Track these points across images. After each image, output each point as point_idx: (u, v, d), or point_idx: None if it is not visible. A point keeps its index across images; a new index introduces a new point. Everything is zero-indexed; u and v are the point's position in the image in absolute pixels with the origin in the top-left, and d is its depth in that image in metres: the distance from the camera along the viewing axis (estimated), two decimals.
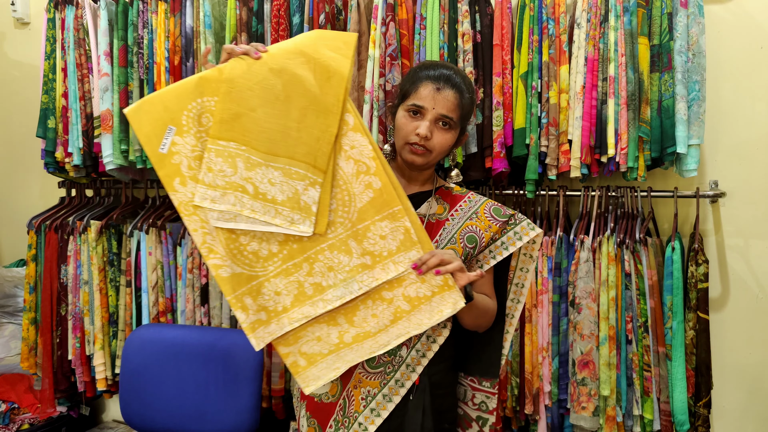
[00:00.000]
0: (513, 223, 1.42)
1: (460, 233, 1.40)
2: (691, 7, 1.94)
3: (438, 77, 1.36)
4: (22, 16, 2.92)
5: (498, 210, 1.44)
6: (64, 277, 2.53)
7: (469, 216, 1.43)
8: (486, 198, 1.48)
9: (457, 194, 1.48)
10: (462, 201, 1.46)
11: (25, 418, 2.59)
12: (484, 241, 1.41)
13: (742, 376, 2.22)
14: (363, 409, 1.36)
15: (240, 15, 2.24)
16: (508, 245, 1.41)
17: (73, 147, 2.47)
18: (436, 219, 1.43)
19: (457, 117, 1.36)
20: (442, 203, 1.46)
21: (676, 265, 1.97)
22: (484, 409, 1.47)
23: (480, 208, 1.44)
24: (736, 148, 2.16)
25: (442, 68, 1.39)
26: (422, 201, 1.44)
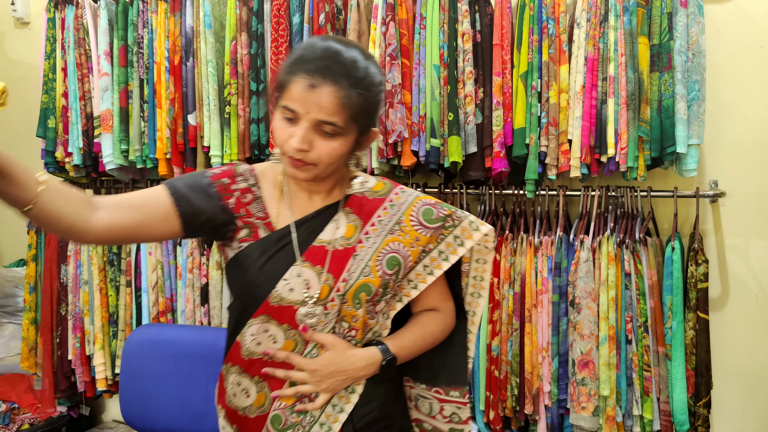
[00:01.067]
0: (451, 226, 1.19)
1: (377, 258, 1.14)
2: (691, 7, 1.94)
3: (314, 69, 1.01)
4: (22, 16, 2.92)
5: (429, 212, 1.18)
6: (64, 277, 2.53)
7: (390, 228, 1.16)
8: (415, 195, 1.20)
9: (375, 198, 1.18)
10: (381, 208, 1.17)
11: (25, 418, 2.59)
12: (410, 259, 1.17)
13: (742, 376, 2.22)
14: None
15: (240, 15, 2.24)
16: (447, 254, 1.19)
17: (73, 147, 2.47)
18: (343, 246, 1.14)
19: (344, 120, 1.03)
20: (354, 219, 1.17)
21: (676, 265, 1.97)
22: (456, 421, 1.28)
23: (405, 214, 1.17)
24: (736, 148, 2.16)
25: (322, 53, 1.03)
26: (328, 219, 1.16)
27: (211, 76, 2.25)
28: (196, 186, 1.12)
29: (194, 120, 2.30)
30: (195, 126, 2.30)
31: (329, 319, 1.13)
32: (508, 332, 2.09)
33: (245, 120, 2.25)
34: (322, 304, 1.12)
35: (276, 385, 1.15)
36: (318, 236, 1.14)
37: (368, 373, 1.15)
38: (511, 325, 2.08)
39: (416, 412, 1.31)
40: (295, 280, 1.11)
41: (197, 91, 2.30)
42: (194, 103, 2.30)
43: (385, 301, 1.17)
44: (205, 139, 2.27)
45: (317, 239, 1.14)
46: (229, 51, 2.26)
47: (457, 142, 2.07)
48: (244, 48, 2.25)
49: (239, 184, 1.16)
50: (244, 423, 1.18)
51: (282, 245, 1.13)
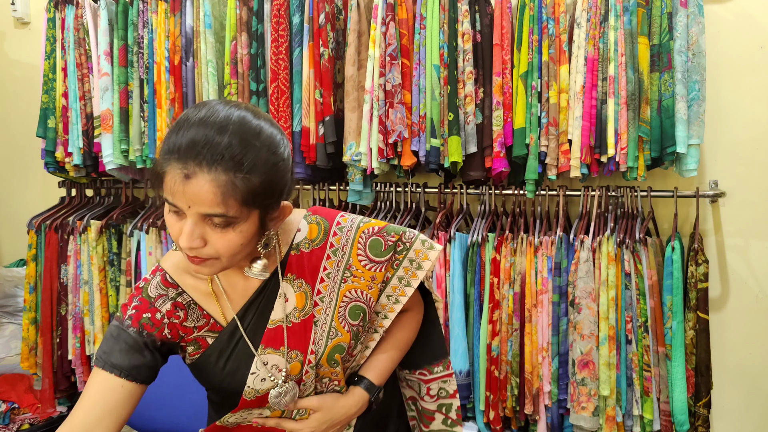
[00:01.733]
0: (403, 249, 1.10)
1: (339, 314, 1.07)
2: (691, 7, 1.94)
3: (186, 156, 0.85)
4: (22, 16, 2.92)
5: (377, 243, 1.08)
6: (64, 277, 2.53)
7: (341, 278, 1.06)
8: (356, 228, 1.09)
9: (314, 249, 1.06)
10: (324, 259, 1.06)
11: (25, 418, 2.59)
12: (372, 300, 1.10)
13: (742, 376, 2.22)
14: None
15: (240, 15, 2.24)
16: (408, 279, 1.12)
17: (73, 147, 2.47)
18: (300, 318, 1.05)
19: (233, 208, 0.87)
20: (300, 284, 1.05)
21: (676, 265, 1.97)
22: (444, 395, 1.29)
23: (352, 256, 1.07)
24: (736, 148, 2.16)
25: (194, 133, 0.86)
26: (274, 294, 1.05)
27: (211, 76, 2.25)
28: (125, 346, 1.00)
29: None
30: None
31: (308, 385, 1.09)
32: (508, 332, 2.09)
33: None
34: (296, 379, 1.06)
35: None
36: (270, 317, 1.04)
37: (360, 411, 1.14)
38: (511, 325, 2.08)
39: (410, 390, 1.32)
40: (263, 369, 1.04)
41: (197, 91, 2.30)
42: (194, 103, 2.30)
43: (360, 343, 1.13)
44: None
45: (270, 321, 1.04)
46: (229, 51, 2.26)
47: (457, 142, 2.07)
48: (244, 48, 2.25)
49: (162, 307, 1.03)
50: None
51: (237, 340, 1.05)
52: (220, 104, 0.90)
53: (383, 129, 2.10)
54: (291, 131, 2.21)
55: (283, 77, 2.20)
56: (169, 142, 0.87)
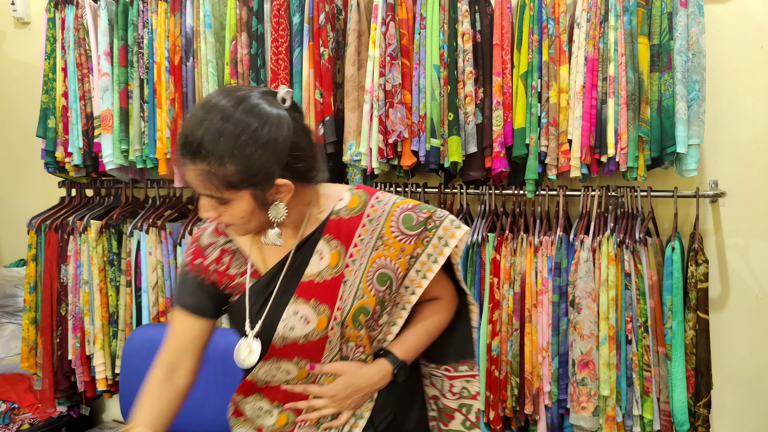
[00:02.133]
0: (433, 227, 1.19)
1: (367, 278, 1.16)
2: (691, 7, 1.94)
3: (179, 148, 1.02)
4: (22, 16, 2.92)
5: (409, 218, 1.17)
6: (64, 277, 2.53)
7: (373, 245, 1.16)
8: (391, 203, 1.19)
9: (352, 217, 1.16)
10: (360, 227, 1.16)
11: (25, 418, 2.59)
12: (400, 271, 1.18)
13: (742, 376, 2.22)
14: None
15: (240, 15, 2.24)
16: (436, 256, 1.19)
17: (73, 147, 2.47)
18: (331, 275, 1.15)
19: (219, 190, 1.01)
20: (336, 245, 1.16)
21: (676, 265, 1.97)
22: (466, 395, 1.33)
23: (385, 227, 1.16)
24: (736, 148, 2.16)
25: (183, 129, 1.02)
26: (311, 251, 1.16)
27: (211, 76, 2.25)
28: (189, 288, 1.20)
29: None
30: None
31: (333, 345, 1.17)
32: (508, 332, 2.09)
33: None
34: (322, 335, 1.15)
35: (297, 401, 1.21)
36: (305, 271, 1.15)
37: (383, 383, 1.21)
38: (511, 325, 2.08)
39: (432, 388, 1.36)
40: (293, 318, 1.14)
41: (197, 91, 2.30)
42: (194, 103, 2.30)
43: (387, 314, 1.20)
44: None
45: (305, 274, 1.15)
46: (229, 51, 2.26)
47: (457, 142, 2.07)
48: (244, 48, 2.25)
49: (210, 255, 1.20)
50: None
51: (272, 288, 1.16)
52: (209, 99, 1.04)
53: (383, 129, 2.10)
54: None
55: (283, 77, 2.20)
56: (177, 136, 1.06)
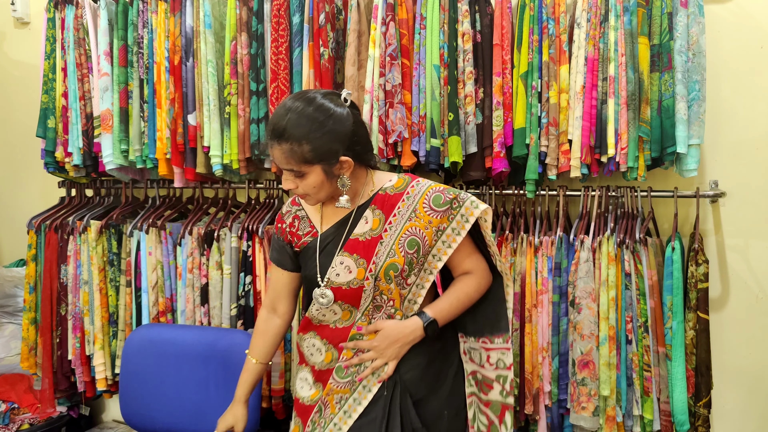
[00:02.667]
0: (457, 206, 1.46)
1: (399, 242, 1.45)
2: (691, 7, 1.94)
3: (269, 133, 1.38)
4: (22, 16, 2.92)
5: (438, 198, 1.46)
6: (64, 277, 2.53)
7: (408, 217, 1.46)
8: (427, 185, 1.48)
9: (395, 194, 1.48)
10: (400, 201, 1.47)
11: (25, 418, 2.59)
12: (427, 240, 1.46)
13: (742, 376, 2.22)
14: (338, 411, 1.52)
15: (240, 15, 2.24)
16: (459, 230, 1.47)
17: (73, 147, 2.47)
18: (371, 236, 1.47)
19: (297, 165, 1.37)
20: (379, 214, 1.48)
21: (676, 265, 1.97)
22: (501, 366, 1.54)
23: (419, 203, 1.46)
24: (736, 148, 2.16)
25: (271, 121, 1.39)
26: (359, 217, 1.49)
27: (211, 76, 2.25)
28: (276, 247, 1.62)
29: (194, 120, 2.30)
30: (195, 126, 2.30)
31: (368, 294, 1.47)
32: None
33: (245, 120, 2.25)
34: (359, 285, 1.46)
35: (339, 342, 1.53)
36: (353, 231, 1.48)
37: (417, 336, 1.48)
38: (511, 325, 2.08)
39: (471, 364, 1.58)
40: (339, 267, 1.48)
41: (197, 91, 2.30)
42: (194, 103, 2.30)
43: (414, 275, 1.48)
44: (205, 139, 2.27)
45: (353, 233, 1.48)
46: (229, 51, 2.26)
47: (457, 142, 2.07)
48: (244, 48, 2.25)
49: (287, 220, 1.58)
50: (318, 374, 1.57)
51: (327, 243, 1.51)
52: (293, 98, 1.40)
53: (383, 129, 2.10)
54: None
55: (283, 77, 2.20)
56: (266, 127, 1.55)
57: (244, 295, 2.27)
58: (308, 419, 1.57)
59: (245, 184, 2.44)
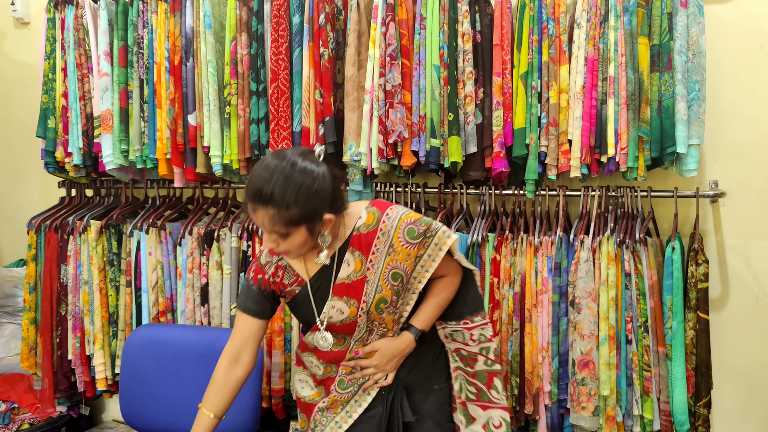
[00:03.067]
0: (431, 236, 1.55)
1: (384, 277, 1.54)
2: (691, 7, 1.94)
3: (252, 197, 1.39)
4: (22, 16, 2.92)
5: (412, 230, 1.53)
6: (64, 277, 2.53)
7: (386, 252, 1.53)
8: (398, 218, 1.54)
9: (369, 232, 1.54)
10: (375, 239, 1.53)
11: (25, 417, 2.59)
12: (409, 269, 1.56)
13: (742, 376, 2.22)
14: (340, 411, 1.65)
15: (240, 15, 2.24)
16: (434, 257, 1.57)
17: (73, 147, 2.47)
18: (357, 278, 1.54)
19: (284, 227, 1.39)
20: (358, 255, 1.54)
21: (676, 265, 1.97)
22: (483, 340, 1.67)
23: (394, 238, 1.53)
24: (736, 148, 2.16)
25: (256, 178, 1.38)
26: (341, 261, 1.55)
27: (211, 77, 2.25)
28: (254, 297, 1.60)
29: (194, 120, 2.30)
30: (195, 126, 2.30)
31: (362, 326, 1.58)
32: (508, 332, 2.09)
33: (245, 120, 2.25)
34: (352, 320, 1.57)
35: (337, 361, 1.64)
36: (338, 276, 1.55)
37: (410, 348, 1.62)
38: (511, 325, 2.08)
39: (455, 343, 1.69)
40: (331, 310, 1.57)
41: (197, 92, 2.30)
42: (194, 103, 2.30)
43: (401, 299, 1.59)
44: (205, 140, 2.27)
45: (337, 278, 1.55)
46: (229, 51, 2.26)
47: (457, 142, 2.07)
48: (244, 48, 2.25)
49: (268, 270, 1.60)
50: (320, 381, 1.70)
51: (315, 290, 1.58)
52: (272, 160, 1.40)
53: (383, 129, 2.09)
54: (291, 131, 2.21)
55: (283, 77, 2.20)
56: (246, 190, 1.41)
57: None
58: (311, 415, 1.68)
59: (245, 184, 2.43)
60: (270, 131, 2.23)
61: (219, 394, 1.58)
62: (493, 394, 1.67)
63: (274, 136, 2.21)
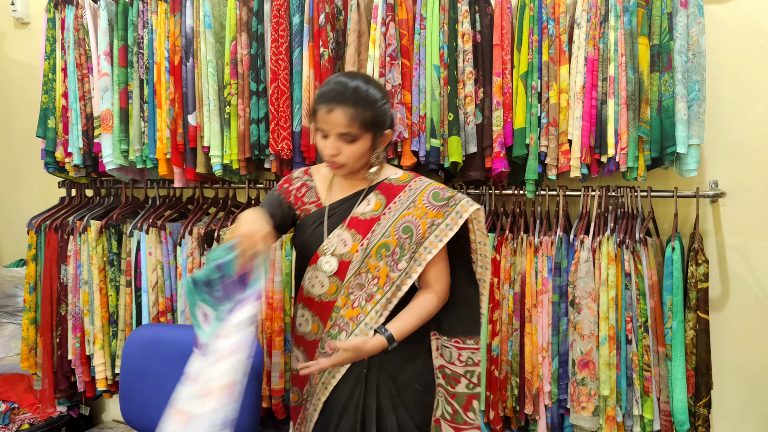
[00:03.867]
0: (453, 204, 1.56)
1: (395, 225, 1.56)
2: (691, 7, 1.94)
3: (329, 99, 1.48)
4: (22, 16, 2.92)
5: (437, 194, 1.58)
6: (64, 277, 2.53)
7: (406, 206, 1.58)
8: (429, 183, 1.60)
9: (398, 185, 1.61)
10: (402, 192, 1.59)
11: (25, 417, 2.59)
12: (421, 229, 1.55)
13: (742, 376, 2.22)
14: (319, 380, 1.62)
15: (240, 15, 2.24)
16: (452, 226, 1.54)
17: (73, 147, 2.47)
18: (371, 216, 1.58)
19: (356, 129, 1.48)
20: (381, 198, 1.60)
21: (676, 265, 1.97)
22: (470, 364, 1.63)
23: (419, 196, 1.58)
24: (736, 148, 2.16)
25: (334, 84, 1.50)
26: (363, 198, 1.61)
27: (211, 77, 2.25)
28: (272, 201, 1.65)
29: (194, 120, 2.30)
30: (195, 126, 2.30)
31: (354, 266, 1.56)
32: (508, 332, 2.09)
33: (245, 120, 2.25)
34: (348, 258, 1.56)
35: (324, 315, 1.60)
36: (355, 210, 1.59)
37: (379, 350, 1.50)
38: (511, 325, 2.08)
39: (441, 359, 1.65)
40: (335, 239, 1.58)
41: (197, 92, 2.30)
42: (194, 103, 2.30)
43: (405, 261, 1.55)
44: (205, 140, 2.27)
45: (353, 211, 1.59)
46: (229, 51, 2.26)
47: (457, 142, 2.07)
48: (244, 48, 2.25)
49: (295, 184, 1.67)
50: (306, 345, 1.65)
51: (329, 215, 1.60)
52: (349, 73, 1.67)
53: None
54: (291, 131, 2.21)
55: (283, 77, 2.20)
56: (318, 96, 1.51)
57: None
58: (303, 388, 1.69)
59: (245, 184, 2.44)
60: (270, 131, 2.23)
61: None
62: (468, 416, 1.63)
63: (274, 136, 2.21)
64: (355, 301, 1.57)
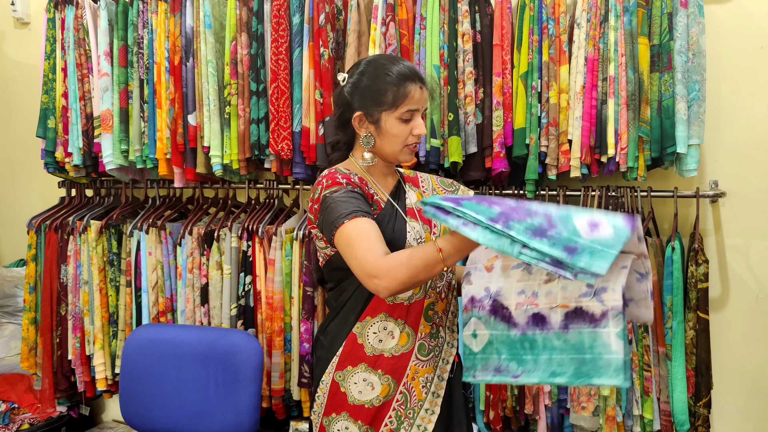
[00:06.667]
0: (457, 188, 1.67)
1: None
2: (691, 7, 1.94)
3: (413, 76, 1.44)
4: (22, 16, 2.92)
5: (444, 181, 1.67)
6: (64, 277, 2.53)
7: (432, 190, 1.64)
8: (429, 174, 1.68)
9: (412, 176, 1.65)
10: (420, 181, 1.63)
11: (25, 418, 2.59)
12: None
13: (742, 376, 2.22)
14: (425, 395, 1.45)
15: (240, 15, 2.24)
16: None
17: (73, 147, 2.47)
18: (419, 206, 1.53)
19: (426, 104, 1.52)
20: (413, 188, 1.61)
21: (676, 265, 1.97)
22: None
23: (433, 184, 1.65)
24: (736, 148, 2.16)
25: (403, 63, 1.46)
26: (404, 191, 1.57)
27: (211, 77, 2.25)
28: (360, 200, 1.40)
29: (194, 120, 2.30)
30: (195, 126, 2.30)
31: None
32: None
33: (245, 120, 2.25)
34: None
35: (415, 324, 1.45)
36: (406, 202, 1.54)
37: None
38: None
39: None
40: (413, 232, 1.48)
41: (197, 92, 2.30)
42: (194, 103, 2.30)
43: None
44: (205, 140, 2.27)
45: (407, 204, 1.53)
46: (229, 51, 2.26)
47: (457, 142, 2.07)
48: (244, 48, 2.25)
49: (353, 179, 1.45)
50: (391, 363, 1.44)
51: (395, 211, 1.49)
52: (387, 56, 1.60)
53: None
54: (291, 131, 2.21)
55: (283, 77, 2.20)
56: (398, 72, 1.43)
57: (244, 295, 2.27)
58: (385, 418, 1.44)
59: (245, 184, 2.44)
60: (270, 131, 2.23)
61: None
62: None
63: (274, 136, 2.21)
64: (441, 293, 1.49)
